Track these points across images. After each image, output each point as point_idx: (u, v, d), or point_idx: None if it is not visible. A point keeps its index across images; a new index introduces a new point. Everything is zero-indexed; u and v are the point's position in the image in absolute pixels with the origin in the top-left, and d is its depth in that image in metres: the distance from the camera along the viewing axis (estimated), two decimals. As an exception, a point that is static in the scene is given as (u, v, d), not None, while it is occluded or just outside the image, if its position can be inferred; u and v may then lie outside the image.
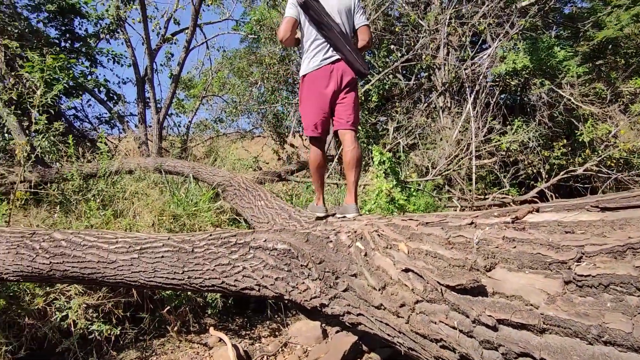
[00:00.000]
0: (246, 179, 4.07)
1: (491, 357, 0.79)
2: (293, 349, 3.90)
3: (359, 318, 1.38)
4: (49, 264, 1.69)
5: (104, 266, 1.67)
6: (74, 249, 1.69)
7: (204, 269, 1.62)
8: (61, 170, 4.11)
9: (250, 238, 1.63)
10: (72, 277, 1.70)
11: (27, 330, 3.35)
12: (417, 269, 1.05)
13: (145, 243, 1.70)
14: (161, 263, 1.65)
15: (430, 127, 8.74)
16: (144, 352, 3.77)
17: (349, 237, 1.51)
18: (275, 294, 1.55)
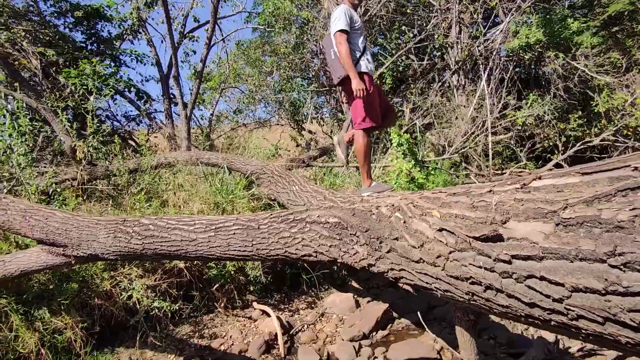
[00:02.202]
0: (278, 166, 4.42)
1: (508, 282, 1.12)
2: (330, 318, 4.31)
3: (401, 273, 1.72)
4: (141, 244, 2.07)
5: (186, 244, 2.04)
6: (161, 231, 2.07)
7: (269, 242, 1.98)
8: (109, 167, 4.54)
9: (305, 215, 1.98)
10: (161, 254, 2.08)
11: (97, 309, 3.83)
12: (449, 228, 1.38)
13: (218, 223, 2.07)
14: (234, 239, 2.01)
15: (445, 106, 8.89)
16: (197, 327, 4.24)
17: (388, 210, 1.85)
18: (330, 259, 1.91)
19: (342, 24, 2.85)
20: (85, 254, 2.17)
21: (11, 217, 2.26)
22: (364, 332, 3.74)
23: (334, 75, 3.04)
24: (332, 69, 3.07)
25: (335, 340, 3.82)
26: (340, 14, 2.89)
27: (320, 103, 10.29)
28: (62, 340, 3.48)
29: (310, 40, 8.96)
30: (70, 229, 2.17)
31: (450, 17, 9.00)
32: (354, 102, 3.06)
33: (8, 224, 2.27)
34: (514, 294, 1.11)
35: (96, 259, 2.23)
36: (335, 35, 2.89)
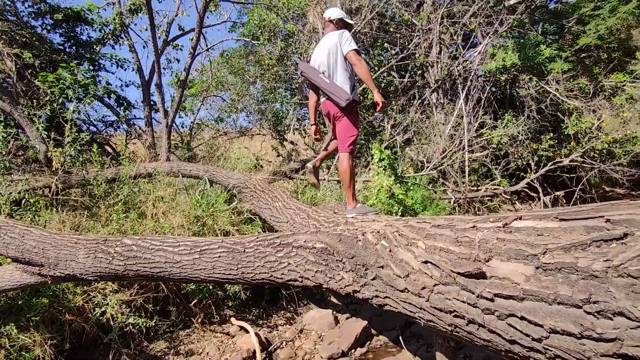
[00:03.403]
0: (260, 180, 4.42)
1: (490, 319, 1.18)
2: (309, 335, 4.30)
3: (385, 300, 1.76)
4: (123, 265, 2.03)
5: (170, 265, 2.02)
6: (144, 252, 2.04)
7: (255, 266, 1.98)
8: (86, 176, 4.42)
9: (292, 239, 2.00)
10: (143, 276, 2.05)
11: (68, 325, 3.69)
12: (434, 261, 1.43)
13: (203, 245, 2.06)
14: (219, 262, 2.01)
15: (424, 123, 9.12)
16: (172, 342, 4.15)
17: (374, 237, 1.89)
18: (316, 284, 1.93)
19: (354, 44, 2.96)
20: (62, 274, 2.10)
21: (-16, 234, 2.17)
22: (342, 350, 3.75)
23: (340, 99, 3.00)
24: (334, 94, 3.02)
25: (314, 358, 3.81)
26: (349, 36, 3.00)
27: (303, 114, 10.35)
28: (30, 357, 3.33)
29: (295, 53, 9.04)
30: (47, 248, 2.10)
31: (432, 37, 9.29)
32: (344, 126, 3.11)
33: (-20, 240, 2.18)
34: (495, 330, 1.16)
35: (74, 279, 2.17)
36: (351, 54, 2.95)
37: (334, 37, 3.05)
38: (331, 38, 3.07)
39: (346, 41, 2.99)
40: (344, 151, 3.15)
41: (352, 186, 3.14)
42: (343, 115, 3.09)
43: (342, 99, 2.98)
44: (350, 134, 3.11)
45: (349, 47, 2.96)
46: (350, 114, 3.09)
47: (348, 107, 3.03)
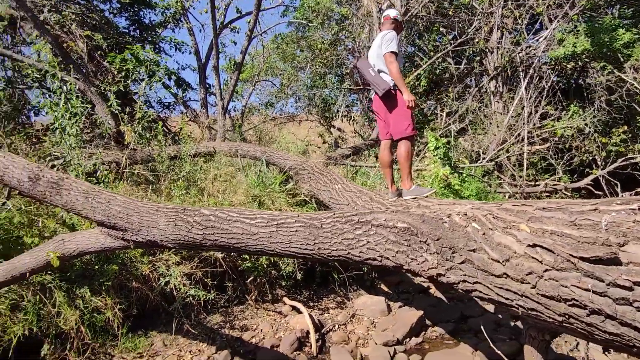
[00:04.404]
0: (317, 163, 4.39)
1: (625, 310, 1.05)
2: (361, 320, 4.26)
3: (474, 286, 1.66)
4: (202, 234, 2.07)
5: (247, 237, 2.03)
6: (222, 223, 2.06)
7: (332, 242, 1.94)
8: (151, 152, 4.59)
9: (371, 217, 1.93)
10: (220, 246, 2.08)
11: (134, 292, 3.88)
12: (546, 245, 1.31)
13: (280, 219, 2.05)
14: (295, 236, 1.99)
15: (481, 112, 8.69)
16: (227, 317, 4.26)
17: (462, 219, 1.78)
18: (395, 264, 1.86)
19: (394, 46, 3.21)
20: (144, 239, 2.18)
21: (74, 198, 2.29)
22: (397, 338, 3.68)
23: (378, 89, 3.29)
24: (375, 84, 3.32)
25: (368, 344, 3.77)
26: (392, 38, 3.25)
27: (352, 100, 10.21)
28: (101, 319, 3.54)
29: (347, 37, 8.88)
30: (131, 214, 2.18)
31: (493, 21, 8.77)
32: (398, 113, 3.29)
33: (71, 204, 2.30)
34: (632, 322, 1.04)
35: (154, 246, 2.24)
36: (387, 55, 3.22)
37: (381, 35, 3.35)
38: (381, 35, 3.36)
39: (387, 42, 3.24)
40: (403, 136, 3.25)
41: (409, 168, 3.28)
42: (390, 105, 3.30)
43: (379, 88, 3.25)
44: (404, 121, 3.25)
45: (387, 49, 3.22)
46: (395, 102, 3.27)
47: (387, 96, 3.28)
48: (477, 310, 4.32)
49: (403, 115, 3.22)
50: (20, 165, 2.47)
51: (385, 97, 3.27)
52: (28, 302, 3.31)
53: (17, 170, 2.45)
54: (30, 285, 3.39)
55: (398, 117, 3.24)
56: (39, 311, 3.30)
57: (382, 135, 3.47)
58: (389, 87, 3.23)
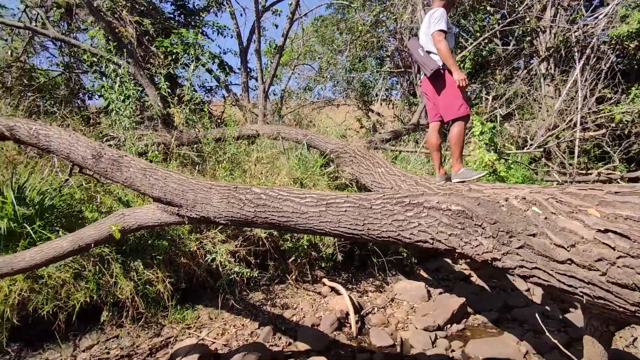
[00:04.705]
0: (359, 146, 4.36)
1: None
2: (400, 304, 4.26)
3: (533, 271, 1.60)
4: (254, 212, 2.13)
5: (297, 215, 2.06)
6: (272, 201, 2.11)
7: (382, 223, 1.94)
8: (197, 134, 4.74)
9: (422, 199, 1.90)
10: (270, 223, 2.13)
11: (182, 268, 4.08)
12: (620, 230, 1.24)
13: (329, 199, 2.06)
14: (345, 216, 2.00)
15: (530, 96, 8.24)
16: (269, 295, 4.39)
17: (520, 203, 1.71)
18: (448, 248, 1.83)
19: (443, 24, 3.09)
20: (198, 215, 2.27)
21: (133, 175, 2.43)
22: (438, 324, 3.65)
23: (427, 69, 3.20)
24: (424, 64, 3.23)
25: (408, 328, 3.78)
26: (441, 17, 3.13)
27: (392, 84, 9.99)
28: (153, 291, 3.76)
29: (389, 18, 8.63)
30: (186, 191, 2.28)
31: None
32: (448, 94, 3.17)
33: (130, 180, 2.44)
34: None
35: (207, 222, 2.33)
36: (434, 34, 3.10)
37: (429, 13, 3.24)
38: (429, 13, 3.25)
39: (435, 21, 3.13)
40: (455, 116, 3.15)
41: (460, 151, 3.20)
42: (439, 86, 3.20)
43: (428, 68, 3.16)
44: (455, 102, 3.14)
45: (435, 27, 3.11)
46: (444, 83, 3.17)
47: (436, 76, 3.16)
48: (522, 301, 4.20)
49: (453, 95, 3.11)
50: (84, 143, 2.63)
51: (434, 77, 3.17)
52: (89, 272, 3.57)
53: (82, 148, 2.61)
54: (91, 256, 3.64)
55: (448, 98, 3.14)
56: (98, 281, 3.56)
57: (430, 117, 3.38)
58: (437, 67, 3.12)
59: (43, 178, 4.02)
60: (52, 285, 3.40)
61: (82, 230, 2.54)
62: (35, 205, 3.64)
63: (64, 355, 3.36)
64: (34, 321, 3.35)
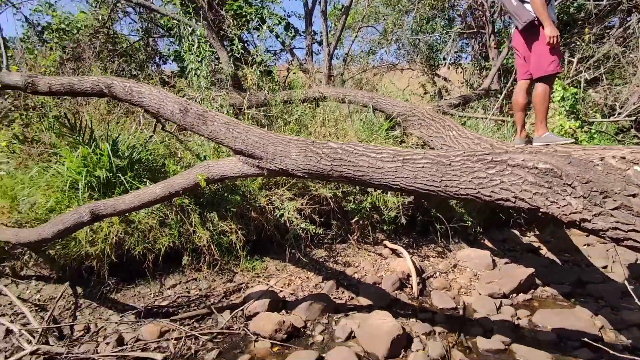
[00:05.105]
0: (429, 109, 4.23)
1: None
2: (463, 271, 4.23)
3: (629, 234, 1.52)
4: (330, 165, 2.21)
5: (372, 170, 2.11)
6: (349, 156, 2.17)
7: (461, 180, 1.92)
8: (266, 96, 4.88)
9: (506, 157, 1.84)
10: (345, 177, 2.20)
11: (252, 222, 4.35)
12: None
13: (406, 155, 2.07)
14: (422, 172, 2.00)
15: (624, 58, 7.33)
16: (331, 252, 4.56)
17: (618, 162, 1.61)
18: (531, 207, 1.77)
19: None
20: (277, 168, 2.40)
21: (217, 128, 2.61)
22: (504, 292, 3.59)
23: (519, 21, 3.01)
24: (516, 15, 3.03)
25: (471, 293, 3.76)
26: None
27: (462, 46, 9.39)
28: (226, 241, 4.09)
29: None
30: (266, 144, 2.41)
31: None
32: (539, 50, 2.97)
33: (215, 133, 2.62)
34: None
35: (285, 174, 2.46)
36: None
37: None
38: None
39: None
40: (544, 73, 2.97)
41: (545, 113, 3.04)
42: (531, 41, 2.99)
43: (520, 20, 2.96)
44: (546, 58, 2.92)
45: None
46: (537, 37, 2.95)
47: (528, 29, 2.97)
48: (598, 277, 3.96)
49: (545, 51, 2.90)
50: (173, 99, 2.85)
51: (527, 30, 2.96)
52: (172, 220, 3.95)
53: (170, 104, 2.83)
54: (173, 206, 4.02)
55: (540, 54, 2.93)
56: (180, 228, 3.93)
57: (520, 75, 3.20)
58: (531, 18, 2.89)
59: (130, 134, 4.42)
60: (141, 230, 3.83)
61: (172, 179, 2.80)
62: (126, 158, 4.05)
63: (152, 290, 3.82)
64: (127, 260, 3.83)
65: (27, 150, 4.41)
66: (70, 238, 3.64)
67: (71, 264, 3.70)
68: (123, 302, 3.62)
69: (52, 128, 4.66)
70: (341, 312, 3.43)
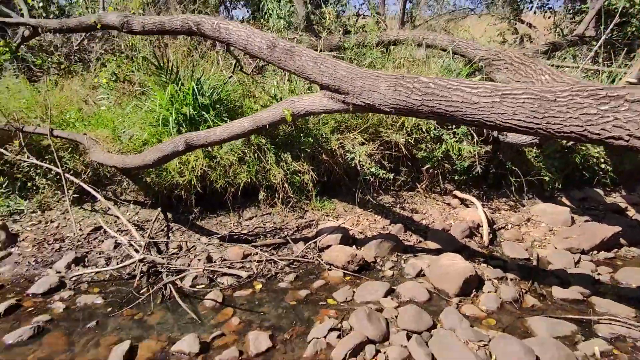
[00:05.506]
0: (516, 52, 3.92)
1: None
2: (537, 225, 4.09)
3: None
4: (420, 100, 2.19)
5: (466, 106, 2.06)
6: (441, 90, 2.13)
7: (566, 117, 1.82)
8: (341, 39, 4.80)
9: (624, 92, 1.70)
10: (436, 113, 2.18)
11: (322, 164, 4.48)
12: None
13: (505, 90, 1.99)
14: (521, 108, 1.92)
15: None
16: (398, 199, 4.60)
17: None
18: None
19: None
20: (363, 103, 2.43)
21: (304, 63, 2.66)
22: (583, 248, 3.45)
23: None
24: None
25: (546, 247, 3.66)
26: None
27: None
28: (298, 180, 4.28)
29: None
30: (355, 78, 2.43)
31: None
32: None
33: (302, 68, 2.68)
34: None
35: (371, 110, 2.49)
36: None
37: None
38: None
39: None
40: None
41: None
42: None
43: None
44: None
45: None
46: None
47: None
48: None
49: None
50: (260, 35, 2.91)
51: None
52: (249, 157, 4.19)
53: (257, 39, 2.91)
54: (251, 145, 4.24)
55: None
56: (257, 166, 4.17)
57: None
58: None
59: (210, 76, 4.62)
60: (223, 165, 4.12)
61: (259, 113, 2.94)
62: (209, 97, 4.28)
63: (232, 220, 4.16)
64: (210, 192, 4.17)
65: (122, 88, 4.82)
66: (162, 168, 4.03)
67: (163, 192, 4.12)
68: (207, 229, 4.00)
69: (141, 68, 5.01)
70: (409, 252, 3.53)
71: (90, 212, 4.06)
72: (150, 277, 3.08)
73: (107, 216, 4.01)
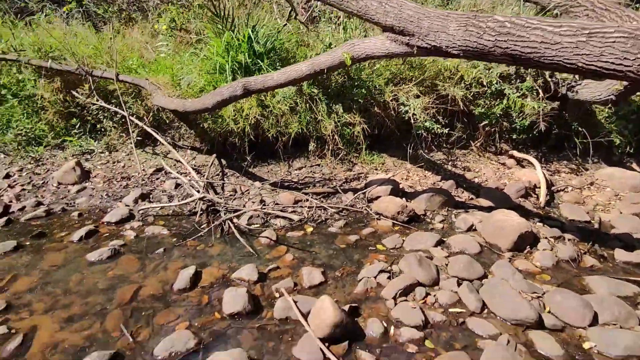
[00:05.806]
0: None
1: None
2: (601, 190, 3.86)
3: None
4: (493, 41, 2.06)
5: (545, 47, 1.92)
6: (518, 30, 1.98)
7: (664, 57, 1.65)
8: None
9: None
10: (509, 55, 2.05)
11: (374, 117, 4.40)
12: None
13: (593, 29, 1.82)
14: (610, 48, 1.76)
15: None
16: (450, 157, 4.48)
17: None
18: None
19: None
20: (429, 45, 2.33)
21: (368, 3, 2.56)
22: (653, 214, 3.23)
23: None
24: None
25: (610, 211, 3.46)
26: None
27: None
28: (349, 132, 4.26)
29: None
30: (422, 18, 2.32)
31: None
32: None
33: (365, 9, 2.59)
34: None
35: (437, 53, 2.38)
36: None
37: None
38: None
39: None
40: None
41: None
42: None
43: None
44: None
45: None
46: None
47: None
48: None
49: None
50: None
51: None
52: (301, 107, 4.21)
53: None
54: (303, 95, 4.24)
55: None
56: (308, 117, 4.18)
57: None
58: None
59: (265, 24, 4.57)
60: (275, 114, 4.17)
61: (317, 57, 2.91)
62: (263, 45, 4.27)
63: (282, 169, 4.26)
64: (262, 141, 4.27)
65: (179, 36, 4.92)
66: (218, 115, 4.16)
67: (218, 139, 4.27)
68: (259, 176, 4.14)
69: (197, 16, 5.06)
70: (460, 208, 3.47)
71: (152, 155, 4.31)
72: (209, 214, 3.28)
73: (166, 159, 4.25)
